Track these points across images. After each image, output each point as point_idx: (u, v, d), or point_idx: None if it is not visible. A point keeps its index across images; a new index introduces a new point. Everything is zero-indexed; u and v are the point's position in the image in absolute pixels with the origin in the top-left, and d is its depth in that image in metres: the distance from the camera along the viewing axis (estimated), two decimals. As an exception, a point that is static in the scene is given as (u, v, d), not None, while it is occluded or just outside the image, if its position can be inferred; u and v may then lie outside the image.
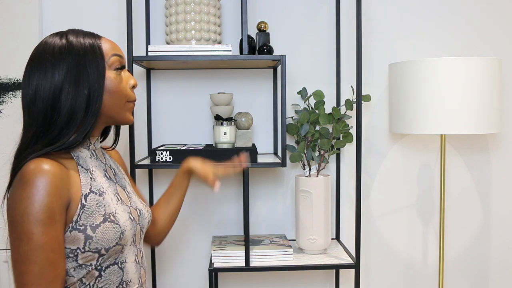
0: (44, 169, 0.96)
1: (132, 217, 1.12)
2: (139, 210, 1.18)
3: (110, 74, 1.09)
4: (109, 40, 1.13)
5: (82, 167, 1.09)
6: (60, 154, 1.07)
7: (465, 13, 2.02)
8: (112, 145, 1.27)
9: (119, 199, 1.13)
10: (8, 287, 1.89)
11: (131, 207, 1.15)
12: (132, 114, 1.18)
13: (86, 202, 1.04)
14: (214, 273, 1.74)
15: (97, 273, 1.05)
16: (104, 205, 1.07)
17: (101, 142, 1.22)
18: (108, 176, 1.15)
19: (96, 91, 1.06)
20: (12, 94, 1.89)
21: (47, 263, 0.95)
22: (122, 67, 1.13)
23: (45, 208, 0.94)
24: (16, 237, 0.94)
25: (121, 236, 1.06)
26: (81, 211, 1.02)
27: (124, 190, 1.19)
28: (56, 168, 0.98)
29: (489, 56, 1.82)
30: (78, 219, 1.01)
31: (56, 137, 1.04)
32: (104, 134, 1.24)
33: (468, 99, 1.64)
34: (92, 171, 1.11)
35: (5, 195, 1.05)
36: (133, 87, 1.14)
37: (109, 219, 1.05)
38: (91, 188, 1.07)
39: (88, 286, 1.05)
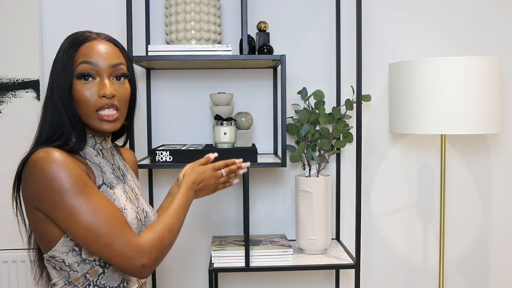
0: (53, 154, 0.98)
1: (138, 217, 1.13)
2: (146, 212, 1.19)
3: (76, 83, 1.06)
4: (97, 42, 1.09)
5: (90, 161, 1.11)
6: (66, 149, 1.08)
7: (465, 13, 2.02)
8: (123, 144, 1.29)
9: (128, 197, 1.15)
10: (8, 287, 1.89)
11: (138, 208, 1.16)
12: (115, 121, 1.09)
13: None
14: (214, 273, 1.74)
15: (100, 270, 1.06)
16: (114, 199, 1.08)
17: (114, 140, 1.25)
18: (115, 175, 1.16)
19: (65, 102, 1.06)
20: (12, 94, 1.88)
21: (109, 218, 0.98)
22: (88, 75, 1.06)
23: (75, 179, 0.97)
24: (67, 215, 0.96)
25: None
26: None
27: (132, 191, 1.20)
28: (64, 153, 1.00)
29: (489, 56, 1.82)
30: None
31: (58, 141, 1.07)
32: (120, 133, 1.25)
33: (468, 99, 1.63)
34: (101, 165, 1.12)
35: (14, 186, 1.07)
36: (104, 96, 1.06)
37: None
38: (103, 179, 1.09)
39: (91, 283, 1.06)
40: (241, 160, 1.37)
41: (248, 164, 1.37)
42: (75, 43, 1.08)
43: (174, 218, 1.11)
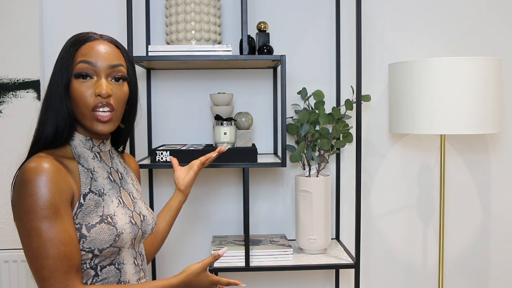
0: (43, 167, 0.98)
1: (133, 221, 1.13)
2: (143, 216, 1.19)
3: (74, 82, 1.07)
4: (98, 43, 1.10)
5: (83, 166, 1.10)
6: (61, 153, 1.09)
7: (464, 13, 2.02)
8: (122, 149, 1.30)
9: (121, 202, 1.14)
10: (8, 287, 1.89)
11: (134, 212, 1.16)
12: (109, 123, 1.10)
13: (84, 201, 1.05)
14: (214, 272, 1.75)
15: (93, 272, 1.06)
16: (103, 206, 1.08)
17: (115, 144, 1.26)
18: (112, 179, 1.16)
19: (60, 98, 1.07)
20: (12, 94, 1.88)
21: (59, 256, 0.97)
22: (86, 74, 1.07)
23: (48, 204, 0.97)
24: (26, 234, 0.97)
25: (117, 238, 1.07)
26: (78, 210, 1.04)
27: (130, 195, 1.20)
28: (55, 165, 1.00)
29: (489, 56, 1.82)
30: (75, 218, 1.03)
31: (45, 138, 1.08)
32: (121, 137, 1.26)
33: (468, 99, 1.64)
34: (94, 171, 1.12)
35: (11, 192, 1.08)
36: (99, 95, 1.06)
37: (105, 221, 1.06)
38: (90, 187, 1.08)
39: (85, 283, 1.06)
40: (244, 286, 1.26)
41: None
42: (76, 42, 1.09)
43: None
